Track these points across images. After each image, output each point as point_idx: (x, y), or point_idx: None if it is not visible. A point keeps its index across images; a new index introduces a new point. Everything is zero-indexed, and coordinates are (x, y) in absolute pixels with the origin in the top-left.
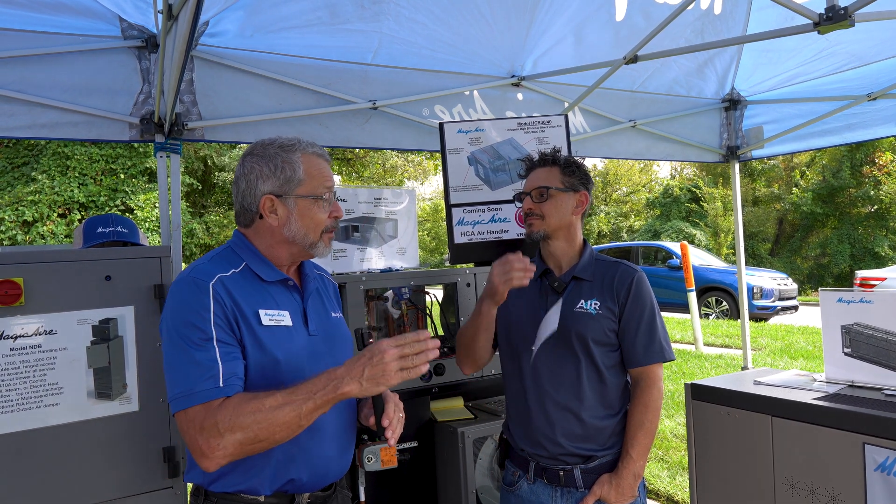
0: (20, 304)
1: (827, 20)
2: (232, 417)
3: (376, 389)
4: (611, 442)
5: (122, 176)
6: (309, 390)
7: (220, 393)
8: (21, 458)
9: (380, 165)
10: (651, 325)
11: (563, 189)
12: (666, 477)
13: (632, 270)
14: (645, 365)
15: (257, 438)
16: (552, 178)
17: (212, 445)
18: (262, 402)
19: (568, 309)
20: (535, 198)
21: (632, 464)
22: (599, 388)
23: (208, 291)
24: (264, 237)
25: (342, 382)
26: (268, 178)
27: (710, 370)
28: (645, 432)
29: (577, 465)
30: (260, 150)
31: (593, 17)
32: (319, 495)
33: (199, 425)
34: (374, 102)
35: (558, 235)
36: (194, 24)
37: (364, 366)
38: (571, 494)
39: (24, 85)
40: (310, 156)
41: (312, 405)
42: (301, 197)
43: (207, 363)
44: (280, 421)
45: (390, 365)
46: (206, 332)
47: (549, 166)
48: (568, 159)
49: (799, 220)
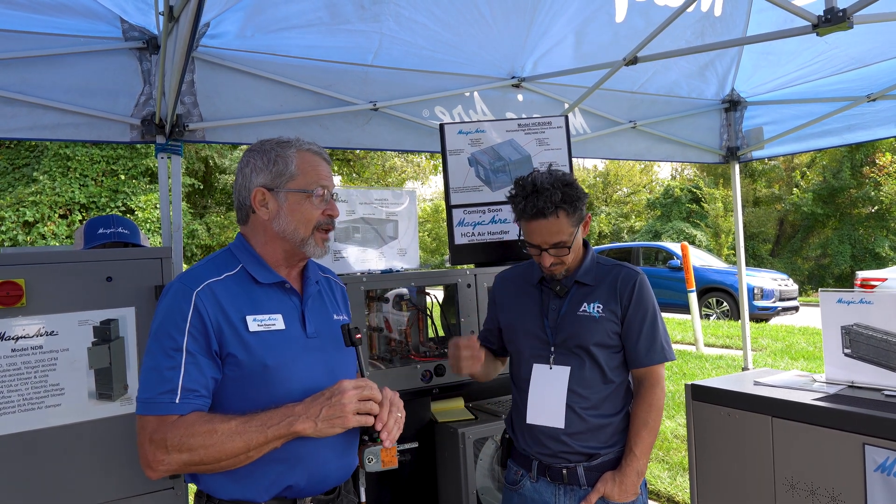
0: (21, 305)
1: (826, 22)
2: (182, 438)
3: (331, 431)
4: (614, 440)
5: (123, 177)
6: (263, 423)
7: (175, 410)
8: (22, 458)
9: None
10: (653, 327)
11: (575, 228)
12: (666, 477)
13: (634, 273)
14: (648, 365)
15: (202, 462)
16: (563, 229)
17: (157, 459)
18: (216, 427)
19: (571, 312)
20: (555, 252)
21: (635, 461)
22: (603, 389)
23: (190, 300)
24: (258, 234)
25: (297, 420)
26: (261, 171)
27: (710, 371)
28: (649, 431)
29: (581, 464)
30: (258, 146)
31: (593, 18)
32: (322, 499)
33: (150, 436)
34: (374, 103)
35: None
36: (195, 26)
37: (322, 405)
38: (574, 492)
39: (26, 86)
40: (304, 152)
41: (263, 438)
42: (292, 191)
43: (169, 375)
44: (228, 450)
45: (348, 407)
46: (177, 342)
47: (555, 217)
48: (564, 193)
49: (799, 221)
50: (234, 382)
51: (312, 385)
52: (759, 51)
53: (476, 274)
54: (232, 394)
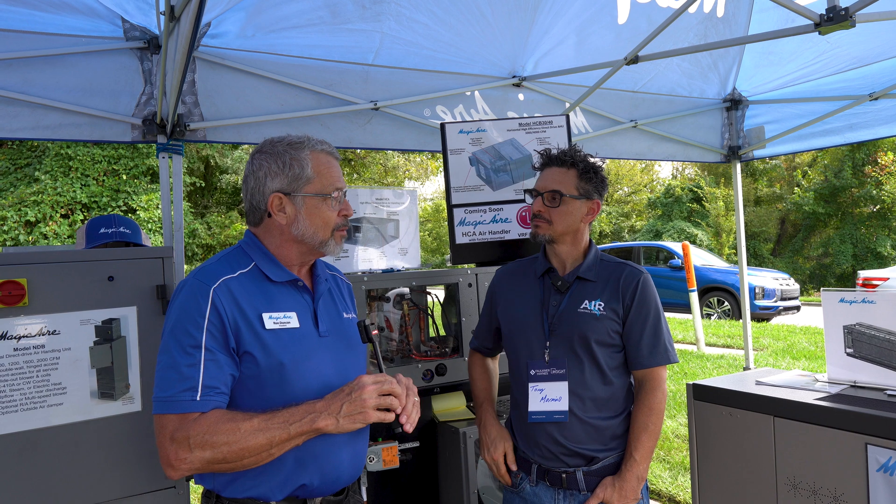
0: (24, 304)
1: (828, 21)
2: (205, 435)
3: (352, 427)
4: (614, 443)
5: (125, 176)
6: (286, 419)
7: (196, 407)
8: (25, 457)
9: (381, 166)
10: (656, 328)
11: (577, 196)
12: (668, 477)
13: (637, 272)
14: (650, 367)
15: (225, 460)
16: (567, 183)
17: (179, 458)
18: (239, 425)
19: (572, 309)
20: (547, 201)
21: (635, 466)
22: (603, 389)
23: (208, 296)
24: (274, 236)
25: (319, 417)
26: (276, 175)
27: (711, 370)
28: (649, 435)
29: (580, 468)
30: (269, 148)
31: (595, 19)
32: (332, 500)
33: (171, 435)
34: (375, 103)
35: (564, 240)
36: (196, 26)
37: (343, 402)
38: (574, 497)
39: (27, 86)
40: (319, 153)
41: (286, 435)
42: (309, 195)
43: (189, 373)
44: (251, 447)
45: (368, 402)
46: (196, 339)
47: (567, 168)
48: (587, 163)
49: (801, 220)
50: (250, 380)
51: (325, 384)
52: (760, 50)
53: (477, 273)
54: (247, 392)
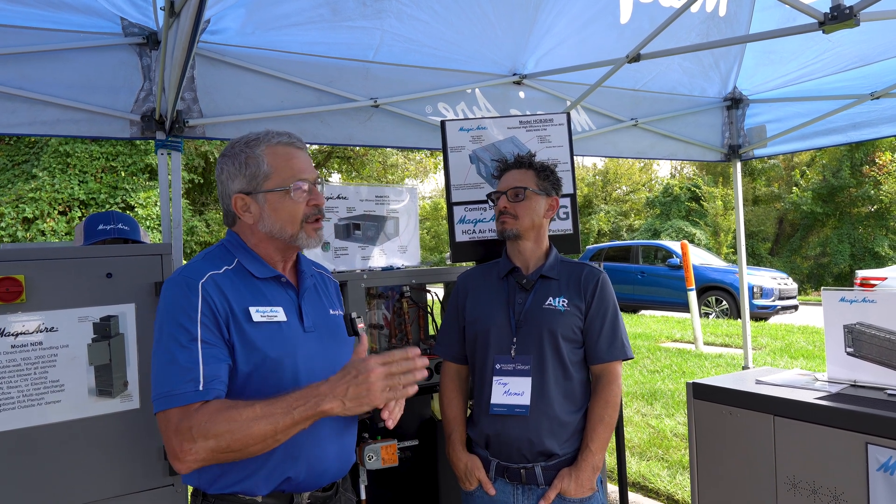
0: (21, 301)
1: (832, 19)
2: (207, 424)
3: (359, 409)
4: (573, 438)
5: (123, 173)
6: (289, 405)
7: (200, 396)
8: (22, 455)
9: (380, 164)
10: (614, 324)
11: (538, 192)
12: (666, 476)
13: (597, 271)
14: (608, 361)
15: (230, 448)
16: (527, 180)
17: (184, 449)
18: (240, 412)
19: (537, 305)
20: (511, 198)
21: (591, 457)
22: (564, 385)
23: (197, 290)
24: (248, 235)
25: (324, 400)
26: (235, 176)
27: (710, 370)
28: (605, 426)
29: (539, 463)
30: (228, 150)
31: (597, 18)
32: (320, 496)
33: (175, 427)
34: (375, 100)
35: (528, 236)
36: (197, 22)
37: (348, 384)
38: (532, 491)
39: (25, 82)
40: (275, 147)
41: (290, 420)
42: (270, 191)
43: (189, 365)
44: (255, 434)
45: (376, 384)
46: (191, 333)
47: (525, 169)
48: (543, 164)
49: (799, 220)
50: (240, 373)
51: (313, 378)
52: (761, 49)
53: None
54: (237, 384)
